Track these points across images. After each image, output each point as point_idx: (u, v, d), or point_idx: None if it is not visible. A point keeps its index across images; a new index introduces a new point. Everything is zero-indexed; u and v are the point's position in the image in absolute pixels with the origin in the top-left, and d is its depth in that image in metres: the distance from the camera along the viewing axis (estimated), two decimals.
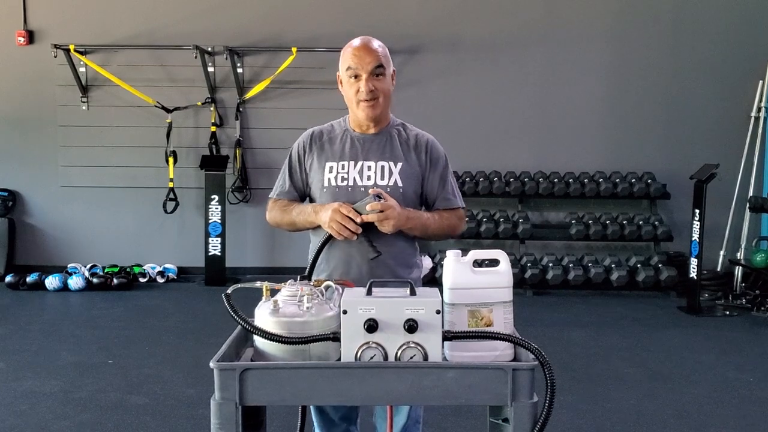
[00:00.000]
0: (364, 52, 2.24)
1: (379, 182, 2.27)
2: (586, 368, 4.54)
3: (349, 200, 2.24)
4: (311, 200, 2.40)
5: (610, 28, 7.21)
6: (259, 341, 1.69)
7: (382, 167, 2.29)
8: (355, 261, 2.26)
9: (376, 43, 2.29)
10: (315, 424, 2.46)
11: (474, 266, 1.73)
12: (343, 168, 2.30)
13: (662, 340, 5.24)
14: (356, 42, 2.29)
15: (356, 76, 2.25)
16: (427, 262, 2.52)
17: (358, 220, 2.15)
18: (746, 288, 6.67)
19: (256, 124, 7.27)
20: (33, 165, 7.25)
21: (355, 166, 2.30)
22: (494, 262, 1.74)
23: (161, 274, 7.03)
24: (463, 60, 7.19)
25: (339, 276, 2.24)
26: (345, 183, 2.28)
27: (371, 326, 1.59)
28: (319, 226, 2.26)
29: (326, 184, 2.31)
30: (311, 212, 2.28)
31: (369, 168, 2.29)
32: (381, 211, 2.14)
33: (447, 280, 1.72)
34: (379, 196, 2.18)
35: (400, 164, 2.30)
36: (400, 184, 2.28)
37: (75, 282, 6.57)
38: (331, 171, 2.31)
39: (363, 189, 2.26)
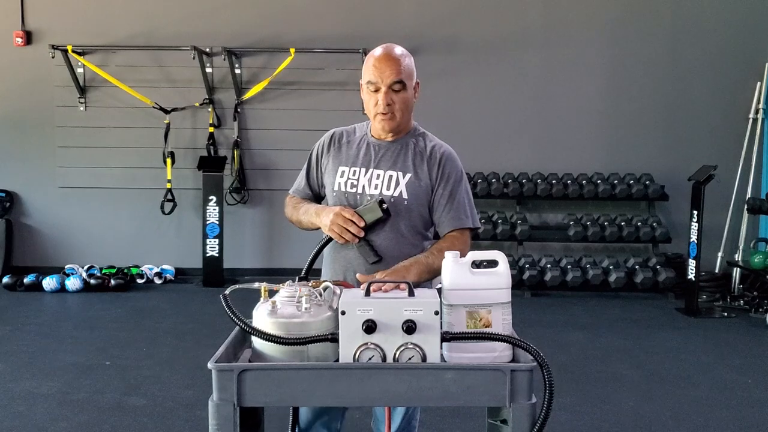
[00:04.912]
0: (384, 65, 2.20)
1: (385, 192, 2.26)
2: (585, 369, 4.54)
3: (356, 206, 2.25)
4: (327, 202, 2.40)
5: (608, 30, 7.21)
6: (257, 342, 1.69)
7: (390, 177, 2.28)
8: (354, 265, 2.26)
9: (399, 55, 2.23)
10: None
11: (472, 267, 1.73)
12: (354, 174, 2.30)
13: (660, 341, 5.25)
14: (378, 52, 2.24)
15: (376, 89, 2.23)
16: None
17: (361, 224, 2.17)
18: (744, 289, 6.67)
19: (254, 125, 7.26)
20: (31, 166, 7.24)
21: (365, 173, 2.29)
22: (492, 263, 1.74)
23: (159, 275, 7.02)
24: (461, 61, 7.19)
25: (338, 279, 2.23)
26: (354, 189, 2.29)
27: (369, 327, 1.59)
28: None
29: (336, 188, 2.32)
30: (314, 214, 2.29)
31: (378, 177, 2.28)
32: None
33: (445, 281, 1.72)
34: (383, 201, 2.19)
35: (408, 176, 2.27)
36: (405, 195, 2.26)
37: (72, 283, 6.55)
38: (342, 175, 2.32)
39: (369, 197, 2.26)
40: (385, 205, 2.19)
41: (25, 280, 6.59)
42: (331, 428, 2.35)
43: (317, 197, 2.44)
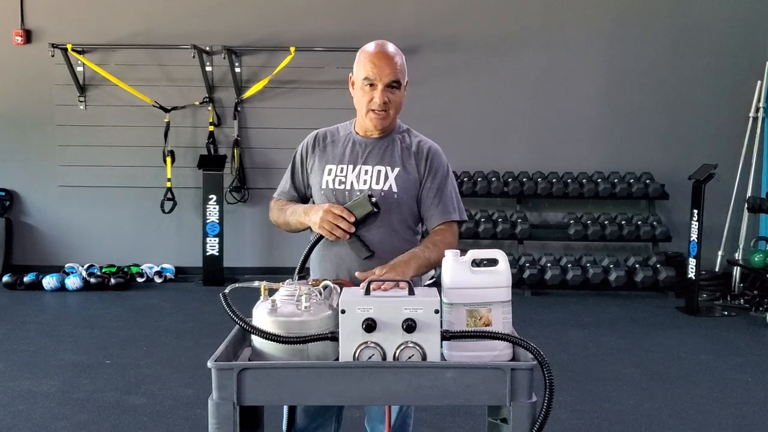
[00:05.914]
0: (383, 63, 2.20)
1: (375, 186, 2.25)
2: (585, 368, 4.54)
3: (345, 203, 2.23)
4: (314, 202, 2.39)
5: (608, 28, 7.21)
6: (257, 341, 1.69)
7: (379, 172, 2.27)
8: (347, 262, 2.25)
9: (395, 53, 2.23)
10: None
11: (472, 266, 1.73)
12: (341, 171, 2.29)
13: (660, 340, 5.25)
14: (374, 48, 2.23)
15: (371, 85, 2.22)
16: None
17: (351, 219, 2.16)
18: (744, 288, 6.67)
19: (254, 124, 7.26)
20: (30, 165, 7.24)
21: (353, 170, 2.28)
22: (493, 262, 1.74)
23: (159, 274, 7.02)
24: (461, 60, 7.19)
25: (330, 278, 2.20)
26: (342, 186, 2.27)
27: (369, 326, 1.59)
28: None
29: (324, 186, 2.30)
30: (302, 213, 2.27)
31: (366, 172, 2.27)
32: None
33: (445, 280, 1.72)
34: (371, 196, 2.18)
35: (397, 170, 2.27)
36: (395, 189, 2.25)
37: (72, 282, 6.55)
38: (329, 173, 2.30)
39: (359, 193, 2.25)
40: (374, 199, 2.18)
41: (25, 279, 6.58)
42: (326, 430, 2.33)
43: (303, 198, 2.43)
